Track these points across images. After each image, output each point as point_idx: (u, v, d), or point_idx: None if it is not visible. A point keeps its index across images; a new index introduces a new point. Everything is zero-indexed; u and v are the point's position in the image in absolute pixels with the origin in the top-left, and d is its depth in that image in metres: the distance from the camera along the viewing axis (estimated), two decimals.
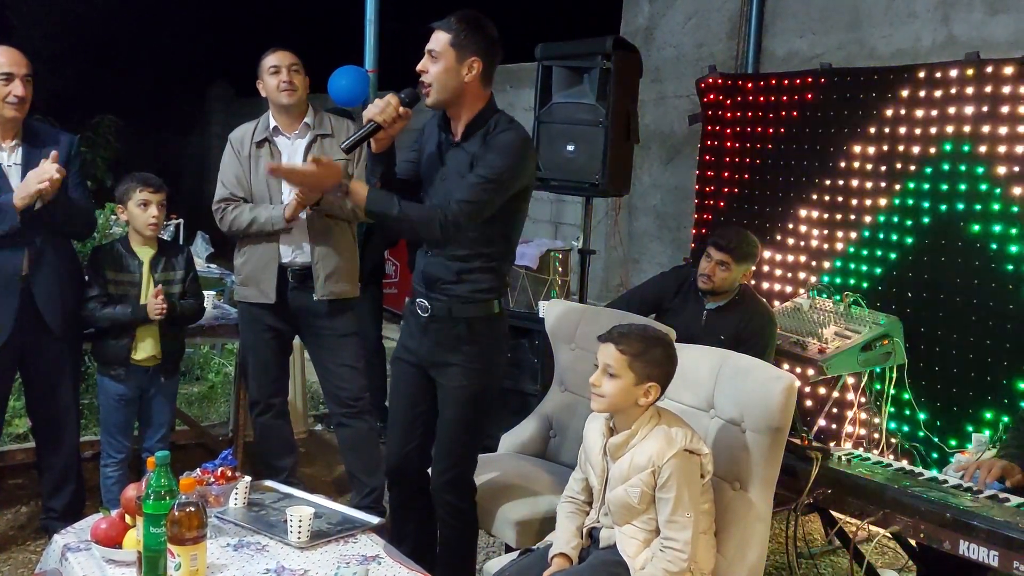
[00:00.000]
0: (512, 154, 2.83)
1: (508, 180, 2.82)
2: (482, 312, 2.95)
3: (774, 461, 2.61)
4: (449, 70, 2.82)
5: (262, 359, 3.92)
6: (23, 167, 3.42)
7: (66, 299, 3.54)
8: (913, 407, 4.13)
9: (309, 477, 4.58)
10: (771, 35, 5.61)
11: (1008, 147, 3.85)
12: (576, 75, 4.49)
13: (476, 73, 2.84)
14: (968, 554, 2.50)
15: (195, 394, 5.72)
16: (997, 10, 4.46)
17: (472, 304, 2.93)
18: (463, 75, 2.83)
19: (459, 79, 2.83)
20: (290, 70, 3.73)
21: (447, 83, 2.83)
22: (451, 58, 2.81)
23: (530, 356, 4.93)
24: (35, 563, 3.29)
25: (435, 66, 2.82)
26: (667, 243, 6.38)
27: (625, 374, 2.46)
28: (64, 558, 2.48)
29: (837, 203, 4.58)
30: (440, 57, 2.81)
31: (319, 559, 2.47)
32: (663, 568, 2.40)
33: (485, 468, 3.37)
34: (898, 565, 3.85)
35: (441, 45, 2.81)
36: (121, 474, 3.68)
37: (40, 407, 3.70)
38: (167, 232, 6.15)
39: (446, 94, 2.85)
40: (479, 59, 2.83)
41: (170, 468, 2.29)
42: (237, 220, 3.76)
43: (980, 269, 3.95)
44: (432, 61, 2.82)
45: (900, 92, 4.28)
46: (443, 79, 2.82)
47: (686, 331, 3.60)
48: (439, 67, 2.82)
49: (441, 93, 2.85)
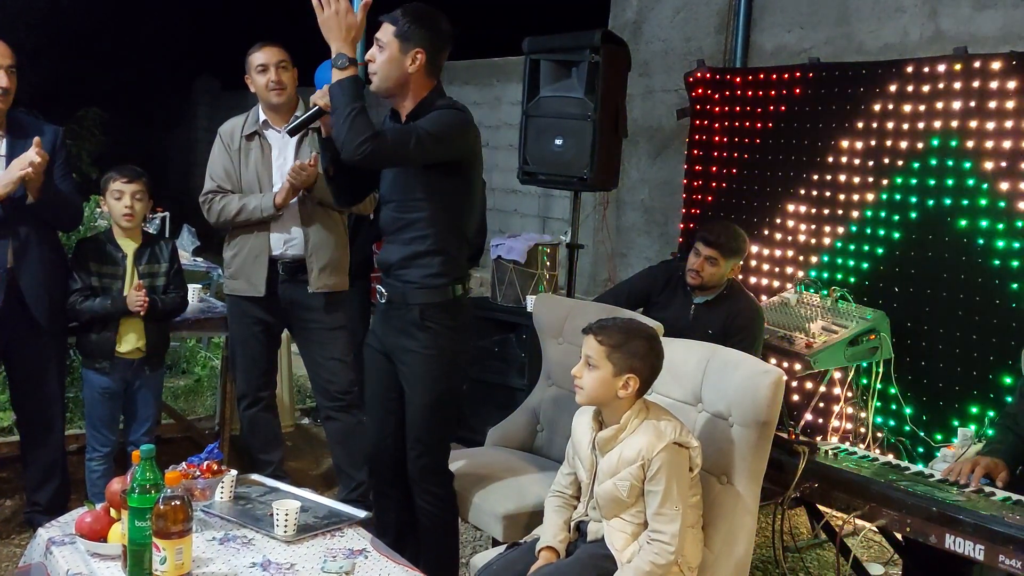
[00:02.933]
0: (439, 122, 2.88)
1: (430, 141, 2.84)
2: (436, 298, 2.97)
3: (761, 455, 2.61)
4: (393, 60, 2.90)
5: (250, 352, 3.90)
6: (7, 158, 3.39)
7: (52, 292, 3.52)
8: (899, 402, 4.15)
9: (296, 471, 4.57)
10: (759, 29, 5.61)
11: (995, 142, 3.87)
12: (564, 69, 4.49)
13: (420, 64, 2.91)
14: (954, 548, 2.51)
15: (181, 388, 5.69)
16: (984, 5, 4.47)
17: (424, 290, 2.97)
18: (407, 65, 2.91)
19: (402, 69, 2.90)
20: (278, 68, 3.71)
21: (390, 72, 2.91)
22: (395, 48, 2.89)
23: (518, 350, 4.93)
24: (19, 557, 3.27)
25: (380, 55, 2.91)
26: (655, 237, 6.38)
27: (604, 365, 2.46)
28: (49, 552, 2.46)
29: (825, 198, 4.58)
30: (386, 47, 2.90)
31: (305, 553, 2.46)
32: (650, 560, 2.40)
33: (472, 461, 3.37)
34: (884, 559, 3.86)
35: (387, 36, 2.90)
36: (106, 468, 3.67)
37: (25, 401, 3.67)
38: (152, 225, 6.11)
39: (389, 83, 2.93)
40: (423, 50, 2.90)
41: (155, 462, 2.27)
42: (225, 210, 3.74)
43: (967, 264, 3.97)
44: (379, 51, 2.91)
45: (888, 87, 4.29)
46: (386, 68, 2.91)
47: (674, 325, 3.60)
48: (384, 56, 2.90)
49: (384, 81, 2.93)
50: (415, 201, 2.95)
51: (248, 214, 3.71)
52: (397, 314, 3.02)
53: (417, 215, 2.94)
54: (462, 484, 3.23)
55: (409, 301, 2.98)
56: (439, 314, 2.98)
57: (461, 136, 2.93)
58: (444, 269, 2.97)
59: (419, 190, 2.94)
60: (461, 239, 3.04)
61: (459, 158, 2.95)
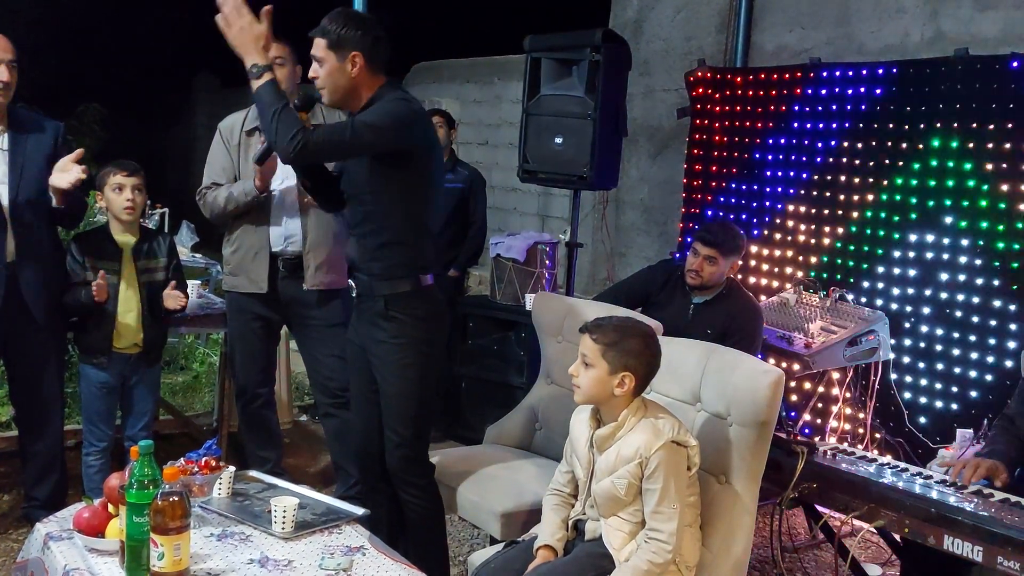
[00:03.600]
0: (378, 112, 2.91)
1: (368, 131, 2.86)
2: (398, 288, 3.00)
3: (760, 455, 2.61)
4: (333, 70, 2.93)
5: (250, 348, 3.90)
6: (9, 153, 3.40)
7: (51, 288, 3.52)
8: (898, 402, 4.14)
9: (294, 468, 4.57)
10: (760, 29, 5.60)
11: (995, 143, 3.87)
12: (565, 68, 4.48)
13: (360, 66, 2.94)
14: (952, 549, 2.51)
15: (179, 384, 5.69)
16: (986, 6, 4.47)
17: (388, 281, 3.01)
18: (349, 71, 2.93)
19: (346, 76, 2.93)
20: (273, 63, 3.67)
21: (336, 83, 2.95)
22: (332, 59, 2.92)
23: (516, 349, 4.93)
24: (17, 552, 3.27)
25: (322, 70, 2.94)
26: (654, 237, 6.37)
27: (599, 363, 2.46)
28: (46, 547, 2.46)
29: (824, 198, 4.58)
30: (324, 60, 2.93)
31: (303, 550, 2.46)
32: (647, 559, 2.40)
33: (471, 459, 3.37)
34: (882, 560, 3.86)
35: (321, 50, 2.93)
36: (103, 463, 3.66)
37: (24, 396, 3.67)
38: (152, 221, 6.10)
39: (338, 93, 2.97)
40: (359, 52, 2.93)
41: (154, 457, 2.27)
42: (215, 201, 3.75)
43: (966, 265, 3.97)
44: (319, 66, 2.95)
45: (889, 87, 4.29)
46: (331, 80, 2.94)
47: (673, 324, 3.60)
48: (325, 70, 2.94)
49: (333, 93, 2.97)
50: (368, 195, 3.00)
51: (235, 201, 3.70)
52: (367, 306, 3.07)
53: (372, 207, 3.00)
54: (460, 481, 3.23)
55: (375, 293, 3.02)
56: (404, 304, 3.01)
57: (405, 125, 2.92)
58: (404, 259, 3.01)
59: (370, 183, 2.98)
60: (421, 229, 3.05)
61: (406, 147, 2.94)
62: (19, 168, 3.41)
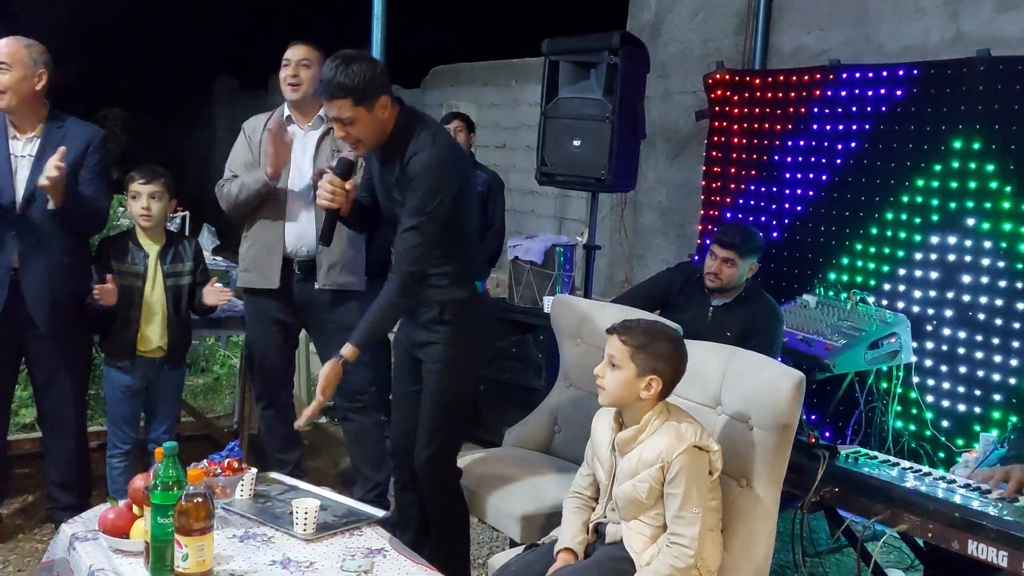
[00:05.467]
0: (428, 178, 2.89)
1: (437, 206, 2.90)
2: (454, 296, 3.05)
3: (781, 458, 2.60)
4: (369, 123, 2.89)
5: (267, 352, 3.92)
6: (35, 160, 3.42)
7: (56, 294, 3.51)
8: (920, 406, 4.12)
9: (314, 470, 4.58)
10: (778, 30, 5.59)
11: (1018, 144, 3.84)
12: (583, 70, 4.49)
13: (388, 106, 2.92)
14: (976, 554, 2.49)
15: (200, 386, 5.73)
16: (1007, 7, 4.44)
17: (442, 289, 3.04)
18: (382, 117, 2.92)
19: (380, 122, 2.92)
20: (298, 65, 3.71)
21: (374, 133, 2.92)
22: (363, 113, 2.87)
23: (535, 351, 4.93)
24: (42, 552, 3.29)
25: (354, 128, 2.89)
26: (672, 239, 6.36)
27: (627, 365, 2.46)
28: (72, 547, 2.48)
29: (845, 200, 4.56)
30: (356, 119, 2.87)
31: (325, 551, 2.47)
32: (669, 564, 2.39)
33: (490, 462, 3.37)
34: (905, 565, 3.83)
35: (348, 110, 2.85)
36: (127, 465, 3.69)
37: (44, 398, 3.70)
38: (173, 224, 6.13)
39: (375, 140, 2.95)
40: (384, 94, 2.90)
41: (177, 459, 2.29)
42: (230, 192, 3.77)
43: (989, 267, 3.94)
44: (348, 126, 2.88)
45: (910, 88, 4.26)
46: (369, 134, 2.92)
47: (692, 327, 3.59)
48: (360, 128, 2.89)
49: (373, 143, 2.96)
50: None
51: (247, 189, 3.71)
52: (420, 313, 3.10)
53: None
54: (480, 484, 3.24)
55: (432, 299, 3.05)
56: (459, 308, 3.06)
57: (447, 180, 2.93)
58: (458, 270, 3.05)
59: None
60: (467, 240, 3.10)
61: (456, 191, 2.98)
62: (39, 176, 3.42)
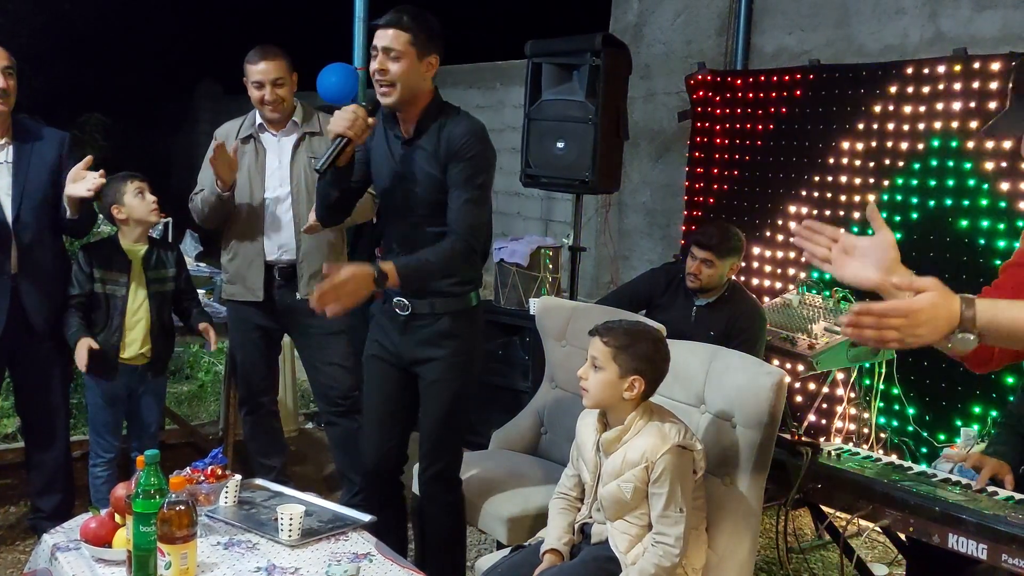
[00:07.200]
0: (476, 143, 2.82)
1: (488, 175, 2.87)
2: (463, 305, 2.96)
3: (764, 456, 2.62)
4: (412, 69, 2.77)
5: (251, 358, 3.91)
6: (14, 165, 3.40)
7: (54, 299, 3.51)
8: (902, 402, 4.15)
9: (300, 475, 4.57)
10: (760, 32, 5.62)
11: (995, 143, 3.87)
12: (566, 72, 4.50)
13: (434, 71, 2.83)
14: (957, 547, 2.51)
15: (184, 393, 5.70)
16: (984, 6, 4.48)
17: (453, 298, 2.94)
18: (424, 73, 2.81)
19: (420, 77, 2.80)
20: (274, 85, 3.64)
21: (409, 82, 2.78)
22: (412, 57, 2.76)
23: (521, 353, 4.93)
24: (24, 563, 3.27)
25: (397, 65, 2.75)
26: (657, 240, 6.38)
27: (609, 366, 2.47)
28: (54, 558, 2.47)
29: (826, 199, 4.59)
30: (402, 56, 2.75)
31: (310, 557, 2.46)
32: (654, 563, 2.40)
33: (476, 464, 3.37)
34: (888, 559, 3.86)
35: (402, 44, 2.74)
36: (110, 473, 3.66)
37: (29, 407, 3.68)
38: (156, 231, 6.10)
39: (409, 92, 2.80)
40: (437, 56, 2.83)
41: (159, 467, 2.28)
42: (195, 205, 3.77)
43: (968, 264, 3.97)
44: (392, 60, 2.75)
45: (888, 88, 4.29)
46: (406, 78, 2.77)
47: (676, 327, 3.60)
48: (401, 67, 2.75)
49: (405, 92, 2.79)
50: (427, 210, 2.87)
51: (207, 202, 3.69)
52: (422, 323, 2.96)
53: (442, 228, 2.84)
54: (467, 487, 3.23)
55: (437, 310, 2.93)
56: (466, 320, 2.97)
57: (491, 152, 2.90)
58: (471, 275, 2.97)
59: (436, 200, 2.85)
60: (487, 239, 3.03)
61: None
62: (23, 181, 3.41)
